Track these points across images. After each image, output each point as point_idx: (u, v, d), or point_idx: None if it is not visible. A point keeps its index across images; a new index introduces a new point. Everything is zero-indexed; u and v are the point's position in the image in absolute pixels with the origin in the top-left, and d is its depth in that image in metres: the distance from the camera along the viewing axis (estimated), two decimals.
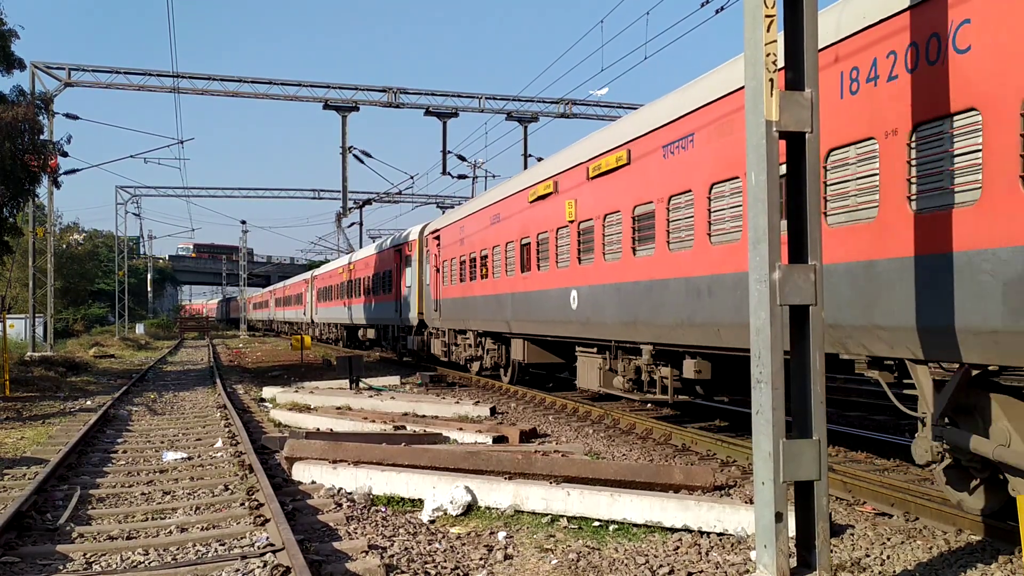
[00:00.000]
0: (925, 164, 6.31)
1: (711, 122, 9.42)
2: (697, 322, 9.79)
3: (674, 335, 10.50)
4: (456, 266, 20.80)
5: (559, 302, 13.96)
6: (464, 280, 20.01)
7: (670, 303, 10.35)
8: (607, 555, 6.24)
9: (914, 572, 5.73)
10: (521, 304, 16.00)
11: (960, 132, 5.99)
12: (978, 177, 5.80)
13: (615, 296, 11.88)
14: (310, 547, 6.22)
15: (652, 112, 11.19)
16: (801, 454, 4.92)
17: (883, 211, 6.70)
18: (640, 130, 11.19)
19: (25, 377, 21.33)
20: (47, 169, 20.97)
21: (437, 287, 22.68)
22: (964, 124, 5.96)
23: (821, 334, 5.04)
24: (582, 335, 13.37)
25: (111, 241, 63.11)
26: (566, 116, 32.79)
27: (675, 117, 10.28)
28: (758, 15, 4.90)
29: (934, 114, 6.18)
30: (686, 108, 10.04)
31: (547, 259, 14.68)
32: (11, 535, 6.68)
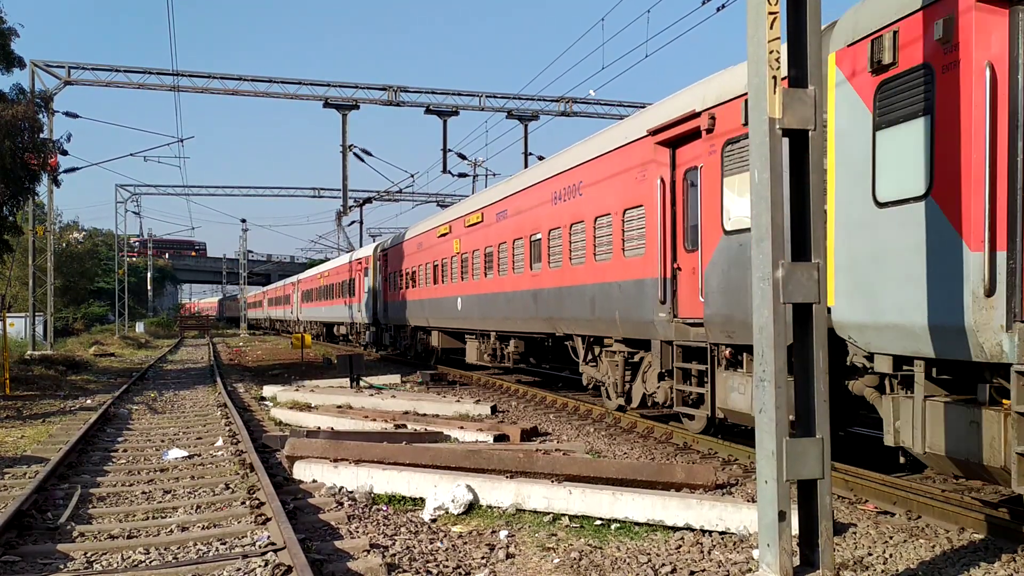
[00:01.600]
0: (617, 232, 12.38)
1: (516, 203, 16.85)
2: (513, 317, 16.85)
3: (503, 326, 17.76)
4: (397, 278, 27.88)
5: (453, 306, 21.02)
6: (401, 289, 27.14)
7: (501, 307, 17.45)
8: (609, 554, 6.23)
9: (917, 571, 5.72)
10: (435, 307, 22.95)
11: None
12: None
13: (477, 302, 19.04)
14: (311, 546, 6.21)
15: (489, 195, 19.12)
16: (804, 453, 4.90)
17: (615, 254, 12.27)
18: (486, 202, 18.81)
19: (25, 376, 21.32)
20: (47, 167, 20.95)
21: (385, 293, 29.95)
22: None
23: (824, 332, 5.03)
24: (465, 327, 20.64)
25: (111, 240, 63.12)
26: (566, 115, 32.76)
27: (495, 200, 18.04)
28: (761, 12, 4.88)
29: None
30: (490, 200, 18.50)
31: (446, 276, 21.79)
32: (11, 534, 6.66)
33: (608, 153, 12.55)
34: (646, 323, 11.30)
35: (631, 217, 11.81)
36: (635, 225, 11.70)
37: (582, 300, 13.38)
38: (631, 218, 11.81)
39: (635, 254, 11.65)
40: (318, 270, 47.25)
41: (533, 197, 15.76)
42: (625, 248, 11.98)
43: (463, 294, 20.02)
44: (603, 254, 12.69)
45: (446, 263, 21.69)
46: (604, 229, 12.65)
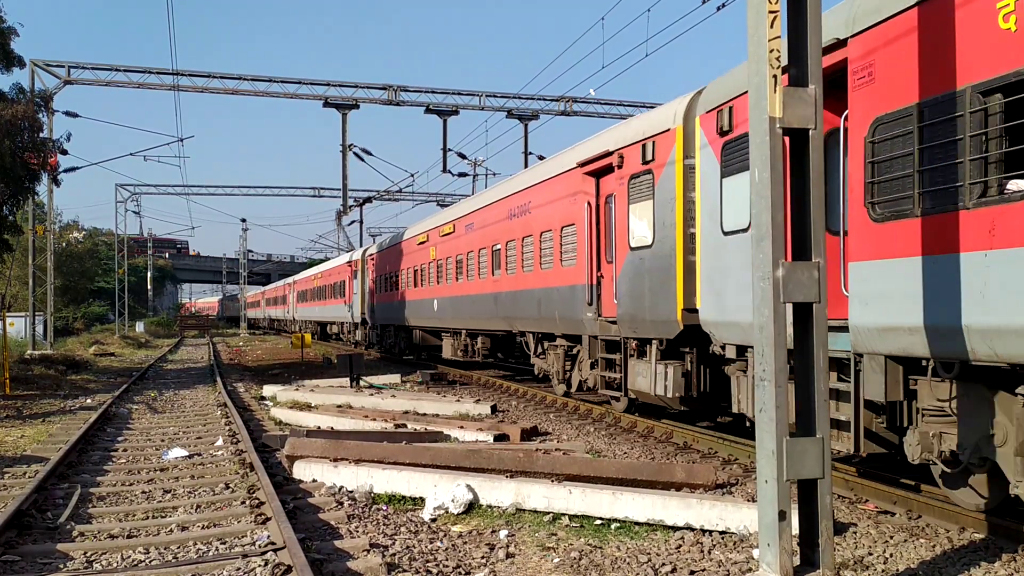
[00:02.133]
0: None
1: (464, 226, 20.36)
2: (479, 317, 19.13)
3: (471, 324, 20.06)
4: (382, 281, 30.38)
5: (430, 307, 23.44)
6: (386, 291, 29.65)
7: (469, 308, 19.80)
8: (609, 553, 6.23)
9: (917, 570, 5.72)
10: (415, 308, 25.39)
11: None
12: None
13: (451, 304, 21.44)
14: (311, 546, 6.21)
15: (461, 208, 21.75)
16: (804, 452, 4.90)
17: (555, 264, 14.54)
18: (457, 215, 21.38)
19: (25, 375, 21.32)
20: (47, 167, 20.95)
21: (372, 294, 32.33)
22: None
23: (824, 331, 5.02)
24: (441, 326, 22.99)
25: (111, 239, 63.13)
26: (567, 114, 32.76)
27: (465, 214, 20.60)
28: (761, 11, 4.87)
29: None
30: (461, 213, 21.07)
31: (424, 280, 24.22)
32: (11, 533, 6.66)
33: (551, 179, 14.83)
34: (578, 321, 13.58)
35: (567, 233, 14.05)
36: (570, 240, 13.89)
37: (532, 302, 15.71)
38: (567, 234, 14.05)
39: (570, 264, 13.92)
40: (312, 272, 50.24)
41: (494, 213, 18.07)
42: (563, 259, 14.24)
43: (438, 296, 22.59)
44: (547, 263, 15.02)
45: (424, 268, 24.27)
46: (548, 243, 14.95)
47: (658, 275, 11.04)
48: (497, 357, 21.65)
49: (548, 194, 14.90)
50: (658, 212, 11.04)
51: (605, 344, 12.98)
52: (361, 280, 34.06)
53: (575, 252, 13.61)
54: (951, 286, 5.86)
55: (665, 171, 10.88)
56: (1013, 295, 5.38)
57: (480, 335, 20.37)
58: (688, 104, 10.52)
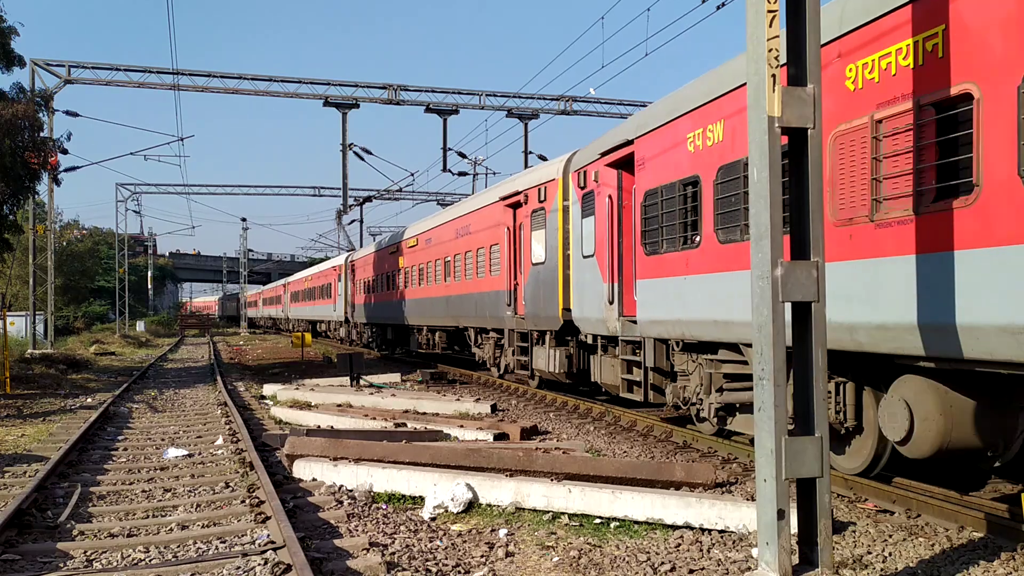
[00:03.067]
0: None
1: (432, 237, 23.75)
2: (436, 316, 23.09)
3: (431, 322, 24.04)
4: (361, 285, 35.02)
5: (400, 307, 27.30)
6: (364, 293, 34.13)
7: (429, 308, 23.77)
8: (608, 552, 6.23)
9: (916, 569, 5.72)
10: (386, 308, 29.68)
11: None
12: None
13: (415, 304, 25.43)
14: (311, 544, 6.22)
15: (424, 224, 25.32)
16: (803, 451, 4.91)
17: (487, 274, 18.29)
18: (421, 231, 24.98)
19: (25, 374, 21.33)
20: (47, 166, 20.95)
21: (353, 296, 36.98)
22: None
23: (823, 331, 5.03)
24: (408, 323, 26.70)
25: (111, 238, 63.14)
26: (567, 113, 32.77)
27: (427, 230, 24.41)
28: (760, 10, 4.88)
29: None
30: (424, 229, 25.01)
31: (395, 285, 28.25)
32: (11, 532, 6.67)
33: (485, 207, 18.99)
34: (501, 318, 17.67)
35: (495, 250, 18.21)
36: (496, 256, 18.03)
37: (472, 304, 19.76)
38: (495, 251, 18.20)
39: (496, 274, 17.97)
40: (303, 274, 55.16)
41: (447, 231, 22.17)
42: (491, 270, 18.30)
43: (406, 298, 26.66)
44: (482, 273, 19.01)
45: (395, 274, 28.37)
46: (482, 257, 18.98)
47: (548, 284, 15.06)
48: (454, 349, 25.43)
49: (483, 219, 19.00)
50: (548, 238, 15.07)
51: (520, 335, 17.12)
52: (345, 283, 38.40)
53: (499, 265, 17.69)
54: (675, 295, 10.07)
55: (552, 209, 14.96)
56: (679, 301, 9.97)
57: (438, 330, 24.36)
58: (565, 163, 14.59)
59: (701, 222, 9.38)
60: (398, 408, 14.15)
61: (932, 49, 6.13)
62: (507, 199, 17.03)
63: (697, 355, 9.95)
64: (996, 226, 5.62)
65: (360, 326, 36.17)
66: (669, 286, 10.21)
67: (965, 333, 5.83)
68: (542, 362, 15.45)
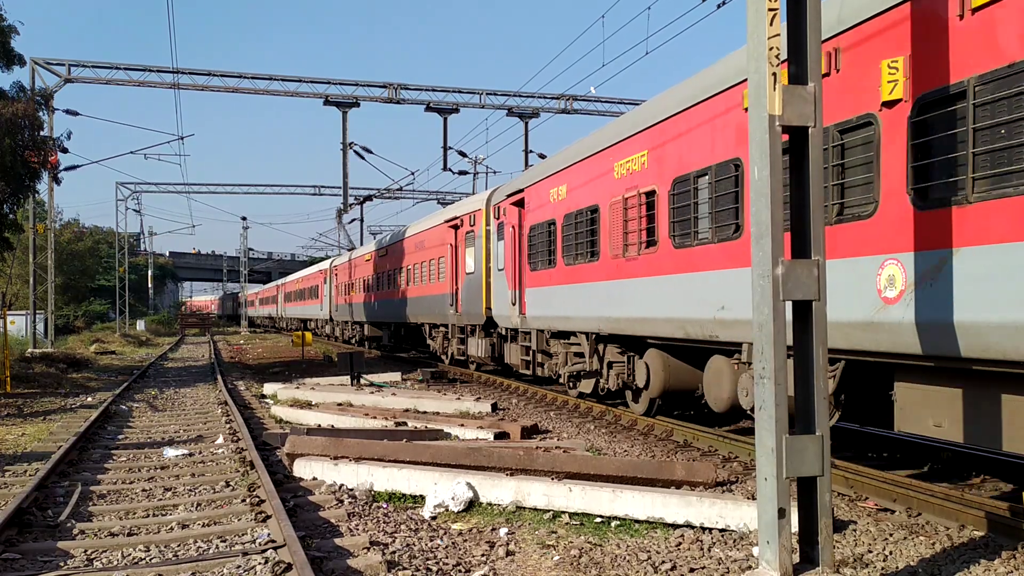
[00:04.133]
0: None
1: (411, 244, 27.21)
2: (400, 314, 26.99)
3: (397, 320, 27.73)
4: (342, 287, 39.89)
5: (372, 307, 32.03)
6: (347, 294, 38.49)
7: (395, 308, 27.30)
8: (609, 551, 6.23)
9: (916, 568, 5.72)
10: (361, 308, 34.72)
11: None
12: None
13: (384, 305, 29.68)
14: (311, 543, 6.22)
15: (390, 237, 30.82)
16: (804, 450, 4.90)
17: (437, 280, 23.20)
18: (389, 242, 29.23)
19: (26, 373, 21.32)
20: (47, 165, 20.93)
21: (336, 297, 41.84)
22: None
23: (824, 329, 5.02)
24: (379, 321, 31.64)
25: (111, 237, 63.14)
26: (567, 112, 32.74)
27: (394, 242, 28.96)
28: (761, 9, 4.87)
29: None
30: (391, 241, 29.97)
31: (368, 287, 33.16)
32: (12, 531, 6.66)
33: (434, 227, 23.57)
34: (446, 315, 21.93)
35: (442, 262, 22.43)
36: (443, 266, 22.24)
37: (426, 304, 24.19)
38: (442, 262, 22.42)
39: (443, 280, 22.19)
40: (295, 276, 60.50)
41: (410, 244, 26.69)
42: (440, 277, 22.58)
43: (377, 300, 31.19)
44: (433, 279, 23.44)
45: (368, 278, 33.12)
46: (433, 266, 23.38)
47: (476, 289, 19.25)
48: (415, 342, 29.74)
49: (433, 237, 23.62)
50: (476, 254, 19.36)
51: (459, 329, 21.55)
52: (329, 285, 43.31)
53: (445, 274, 21.92)
54: (546, 300, 14.51)
55: (478, 233, 19.21)
56: (548, 304, 14.32)
57: (403, 326, 28.94)
58: (488, 197, 19.01)
59: (556, 249, 14.07)
60: (398, 407, 14.15)
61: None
62: (450, 222, 21.51)
63: (559, 340, 14.66)
64: (665, 262, 10.38)
65: (341, 323, 41.38)
66: (543, 293, 14.88)
67: (665, 323, 10.43)
68: (474, 350, 20.00)
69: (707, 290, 9.32)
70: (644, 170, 10.84)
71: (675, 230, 10.03)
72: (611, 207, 11.70)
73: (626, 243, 11.28)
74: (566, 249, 13.55)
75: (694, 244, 9.61)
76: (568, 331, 13.90)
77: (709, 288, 9.27)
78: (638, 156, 11.05)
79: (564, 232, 13.61)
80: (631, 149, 11.25)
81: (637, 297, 11.05)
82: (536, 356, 15.70)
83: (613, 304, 11.78)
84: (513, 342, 17.10)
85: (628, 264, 11.32)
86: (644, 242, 10.82)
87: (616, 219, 11.58)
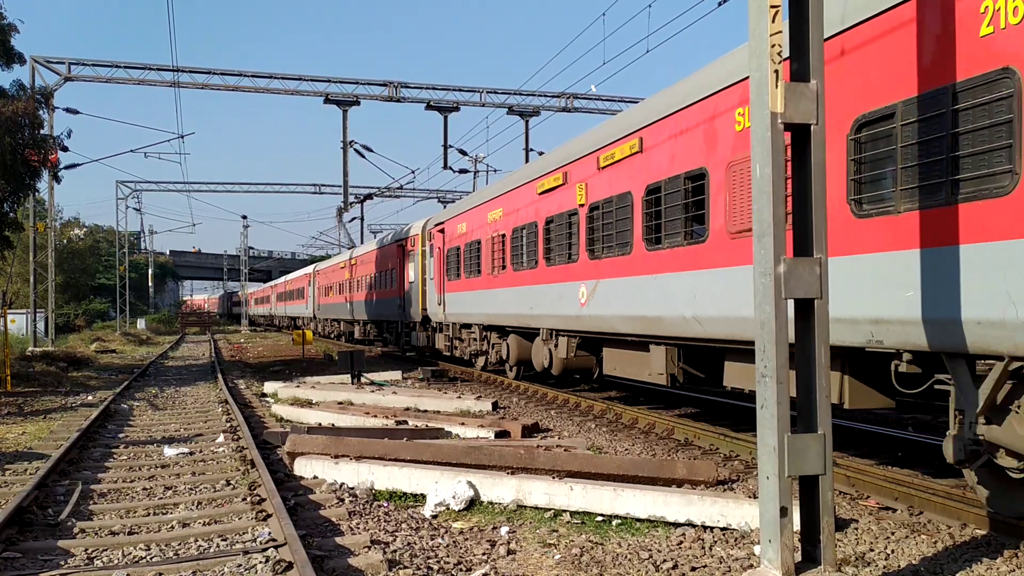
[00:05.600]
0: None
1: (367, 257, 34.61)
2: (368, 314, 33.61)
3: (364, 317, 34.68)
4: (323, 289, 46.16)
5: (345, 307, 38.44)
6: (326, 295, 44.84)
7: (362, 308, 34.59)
8: (610, 550, 6.22)
9: (918, 566, 5.71)
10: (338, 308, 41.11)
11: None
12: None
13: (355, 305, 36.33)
14: (312, 542, 6.21)
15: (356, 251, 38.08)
16: (806, 448, 4.89)
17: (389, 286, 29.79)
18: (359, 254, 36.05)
19: (26, 372, 21.33)
20: (47, 164, 20.92)
21: (318, 298, 48.49)
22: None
23: (826, 327, 5.01)
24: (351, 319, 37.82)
25: (112, 236, 63.13)
26: (568, 110, 32.71)
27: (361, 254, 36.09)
28: (763, 5, 4.85)
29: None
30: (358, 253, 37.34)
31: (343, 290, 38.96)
32: (12, 530, 6.65)
33: (388, 245, 29.21)
34: (395, 314, 27.77)
35: (393, 273, 27.97)
36: (394, 276, 27.75)
37: (384, 305, 29.70)
38: (393, 273, 27.98)
39: (394, 286, 27.77)
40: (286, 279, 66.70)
41: (370, 257, 32.59)
42: (392, 284, 28.09)
43: (351, 300, 37.09)
44: (387, 286, 29.03)
45: (343, 283, 39.26)
46: (387, 276, 28.95)
47: (415, 294, 24.70)
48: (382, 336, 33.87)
49: (387, 252, 29.08)
50: (415, 267, 24.81)
51: (405, 325, 27.12)
52: (313, 288, 50.14)
53: (396, 282, 27.59)
54: (457, 302, 20.13)
55: (417, 251, 24.63)
56: (459, 304, 20.12)
57: (369, 324, 34.57)
58: (424, 224, 24.53)
59: (461, 267, 19.80)
60: (399, 406, 14.14)
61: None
62: (398, 242, 27.52)
63: (465, 330, 20.22)
64: (509, 279, 16.35)
65: (322, 321, 48.34)
66: (456, 297, 20.39)
67: (513, 318, 16.05)
68: (414, 340, 25.38)
69: (528, 297, 15.30)
70: (501, 220, 16.96)
71: (514, 261, 16.06)
72: (486, 240, 17.91)
73: (494, 266, 17.26)
74: (467, 267, 19.38)
75: (522, 270, 15.60)
76: (469, 323, 19.88)
77: (528, 296, 15.27)
78: (496, 211, 17.33)
79: (465, 255, 19.53)
80: (494, 206, 17.52)
81: (499, 301, 16.94)
82: (453, 342, 21.47)
83: (489, 305, 17.64)
84: (440, 333, 22.73)
85: (495, 279, 17.24)
86: (502, 266, 16.82)
87: (489, 249, 17.68)
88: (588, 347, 13.93)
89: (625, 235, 11.06)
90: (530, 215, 15.07)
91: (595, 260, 12.11)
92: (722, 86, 8.73)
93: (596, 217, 12.11)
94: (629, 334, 11.39)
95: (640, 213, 10.58)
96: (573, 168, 13.11)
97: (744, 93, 8.21)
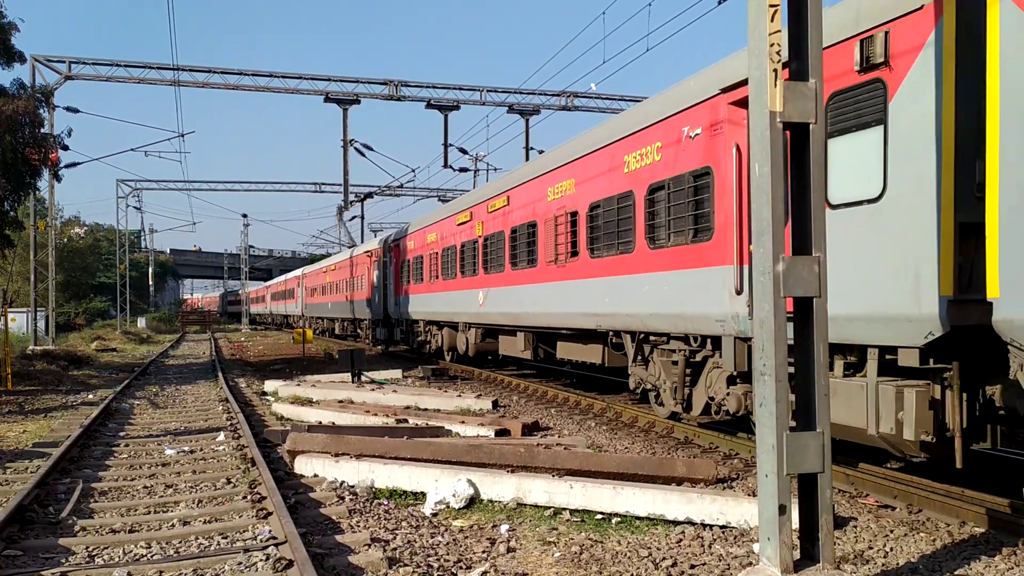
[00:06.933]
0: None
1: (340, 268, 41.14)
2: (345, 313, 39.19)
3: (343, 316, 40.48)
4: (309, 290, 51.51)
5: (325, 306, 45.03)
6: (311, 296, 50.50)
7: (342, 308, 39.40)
8: (610, 548, 6.24)
9: (917, 564, 5.72)
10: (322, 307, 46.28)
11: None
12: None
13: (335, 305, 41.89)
14: (313, 540, 6.22)
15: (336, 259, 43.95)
16: (805, 447, 4.90)
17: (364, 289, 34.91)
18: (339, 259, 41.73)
19: (27, 371, 21.34)
20: (48, 162, 20.94)
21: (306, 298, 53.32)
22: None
23: (825, 326, 5.02)
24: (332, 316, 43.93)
25: (112, 235, 63.14)
26: (568, 109, 32.70)
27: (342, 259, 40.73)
28: (762, 5, 4.86)
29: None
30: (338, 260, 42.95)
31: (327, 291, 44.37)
32: (13, 528, 6.67)
33: (361, 254, 33.59)
34: (365, 312, 32.71)
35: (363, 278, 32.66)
36: (364, 280, 32.40)
37: (359, 305, 33.87)
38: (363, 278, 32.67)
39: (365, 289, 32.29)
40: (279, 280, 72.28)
41: (347, 263, 36.83)
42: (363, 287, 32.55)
43: (331, 301, 42.24)
44: (360, 289, 33.38)
45: (327, 285, 43.81)
46: (360, 280, 33.34)
47: (380, 297, 29.25)
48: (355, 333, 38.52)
49: (360, 260, 33.63)
50: (378, 274, 29.51)
51: (373, 322, 31.01)
52: (301, 289, 55.52)
53: (366, 286, 31.91)
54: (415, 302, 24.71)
55: (382, 260, 28.85)
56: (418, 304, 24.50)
57: (347, 321, 39.50)
58: (385, 238, 29.70)
59: (410, 275, 24.65)
60: (399, 404, 14.16)
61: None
62: (367, 252, 31.80)
63: (414, 325, 25.05)
64: (439, 286, 22.31)
65: (309, 319, 53.32)
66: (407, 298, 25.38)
67: (443, 315, 21.67)
68: (379, 335, 29.81)
69: (451, 300, 20.28)
70: (436, 241, 22.19)
71: (443, 271, 21.36)
72: (427, 256, 23.02)
73: (431, 276, 22.45)
74: (414, 275, 24.65)
75: (448, 280, 20.59)
76: (417, 320, 24.85)
77: (451, 299, 20.31)
78: (433, 234, 22.51)
79: (413, 267, 24.79)
80: (432, 230, 22.67)
81: (435, 302, 22.11)
82: (407, 335, 26.98)
83: (429, 305, 22.84)
84: (397, 327, 28.11)
85: (432, 286, 22.39)
86: (436, 276, 21.97)
87: (428, 263, 22.88)
88: (489, 336, 19.33)
89: (501, 258, 16.78)
90: (452, 239, 20.62)
91: (487, 274, 17.71)
92: (545, 170, 14.40)
93: (488, 245, 17.77)
94: (507, 325, 16.87)
95: (508, 245, 16.27)
96: (476, 210, 18.73)
97: (551, 182, 14.17)
